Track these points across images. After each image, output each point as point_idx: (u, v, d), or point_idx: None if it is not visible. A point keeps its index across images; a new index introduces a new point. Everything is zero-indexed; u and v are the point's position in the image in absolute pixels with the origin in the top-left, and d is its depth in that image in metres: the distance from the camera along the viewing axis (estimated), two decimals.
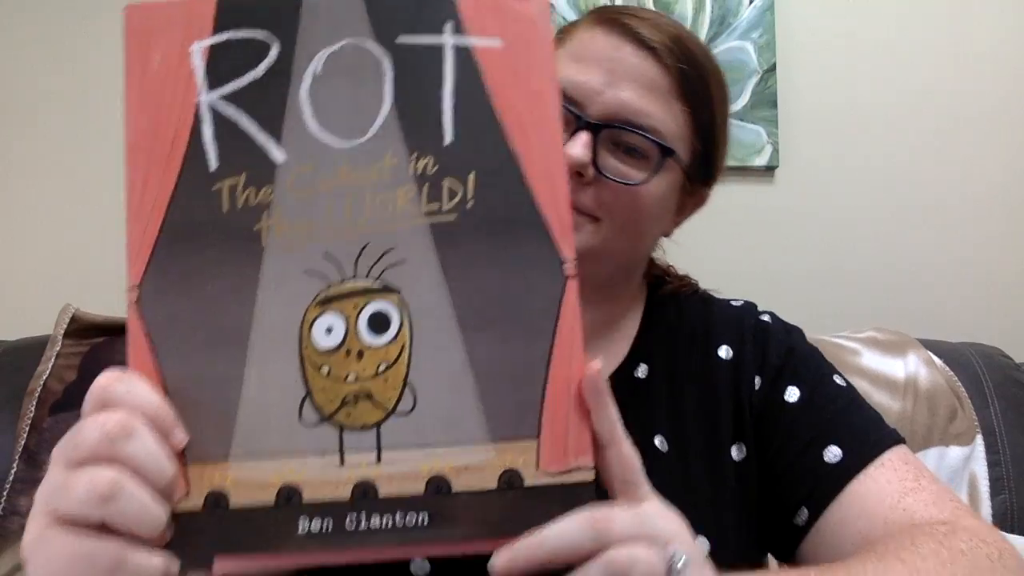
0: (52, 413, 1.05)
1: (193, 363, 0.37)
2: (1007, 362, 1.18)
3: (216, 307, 0.37)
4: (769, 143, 1.38)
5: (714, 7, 1.40)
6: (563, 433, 0.37)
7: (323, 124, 0.38)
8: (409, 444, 0.37)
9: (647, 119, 0.61)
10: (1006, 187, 1.42)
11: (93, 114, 1.39)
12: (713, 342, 0.68)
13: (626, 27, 0.62)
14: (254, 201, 0.38)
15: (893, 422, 1.06)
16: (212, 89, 0.38)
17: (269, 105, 0.38)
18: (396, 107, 0.38)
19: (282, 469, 0.36)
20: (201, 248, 0.37)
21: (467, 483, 0.36)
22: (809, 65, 1.42)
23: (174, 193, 0.38)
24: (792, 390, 0.64)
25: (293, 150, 0.38)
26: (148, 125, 0.39)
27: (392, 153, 0.37)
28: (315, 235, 0.37)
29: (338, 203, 0.37)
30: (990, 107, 1.42)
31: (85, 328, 1.13)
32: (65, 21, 1.40)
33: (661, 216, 0.67)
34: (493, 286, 0.37)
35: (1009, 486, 1.05)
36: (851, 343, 1.16)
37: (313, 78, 0.38)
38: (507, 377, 0.37)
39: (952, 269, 1.40)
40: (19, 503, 1.00)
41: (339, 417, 0.37)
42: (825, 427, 0.61)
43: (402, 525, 0.36)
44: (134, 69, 0.39)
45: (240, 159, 0.38)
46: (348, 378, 0.37)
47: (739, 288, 1.37)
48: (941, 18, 1.44)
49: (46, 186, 1.38)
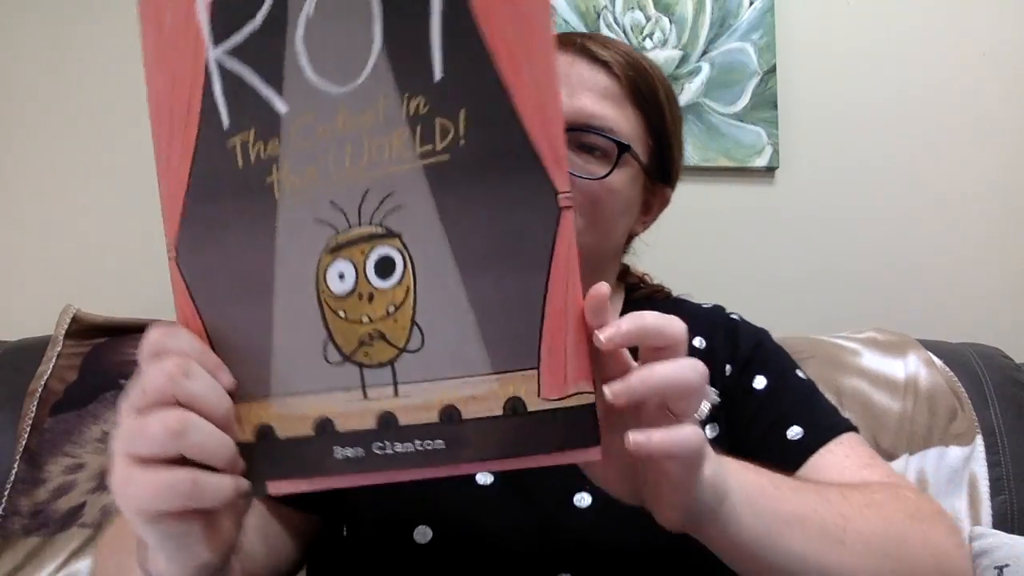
0: (53, 413, 1.05)
1: (229, 313, 0.40)
2: (1007, 363, 1.18)
3: (242, 260, 0.40)
4: (769, 144, 1.38)
5: (714, 8, 1.41)
6: (561, 362, 0.39)
7: (319, 71, 0.38)
8: (421, 378, 0.40)
9: (604, 121, 0.69)
10: (1006, 187, 1.42)
11: (94, 114, 1.39)
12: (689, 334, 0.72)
13: (579, 46, 0.71)
14: (264, 155, 0.39)
15: (893, 422, 1.07)
16: (218, 44, 0.39)
17: (269, 56, 0.38)
18: (386, 46, 0.38)
19: (316, 404, 0.40)
20: (223, 204, 0.40)
21: (475, 411, 0.39)
22: (809, 66, 1.42)
23: (195, 152, 0.39)
24: (759, 379, 0.71)
25: (294, 100, 0.38)
26: (165, 86, 0.40)
27: (385, 95, 0.38)
28: (321, 184, 0.39)
29: (339, 150, 0.38)
30: (990, 107, 1.43)
31: (86, 328, 1.13)
32: (65, 21, 1.40)
33: (626, 210, 0.74)
34: (488, 224, 0.38)
35: (1009, 486, 1.05)
36: (851, 343, 1.16)
37: (306, 22, 0.38)
38: (506, 311, 0.39)
39: (952, 269, 1.41)
40: (20, 503, 1.00)
41: (358, 356, 0.40)
42: (787, 411, 0.69)
43: (422, 449, 0.39)
44: (149, 32, 0.40)
45: (248, 114, 0.39)
46: (363, 320, 0.40)
47: (739, 288, 1.38)
48: (941, 19, 1.44)
49: (47, 186, 1.38)
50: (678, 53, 1.40)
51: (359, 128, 0.38)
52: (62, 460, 1.03)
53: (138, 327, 1.15)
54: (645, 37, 1.40)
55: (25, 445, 1.03)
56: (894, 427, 1.07)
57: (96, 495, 1.02)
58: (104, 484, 1.02)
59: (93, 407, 1.06)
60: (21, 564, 0.98)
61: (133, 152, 1.39)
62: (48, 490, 1.02)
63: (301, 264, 0.39)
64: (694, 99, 1.39)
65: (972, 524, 1.03)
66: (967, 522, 1.03)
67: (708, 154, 1.38)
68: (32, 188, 1.38)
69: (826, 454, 0.65)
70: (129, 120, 1.39)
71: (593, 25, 1.40)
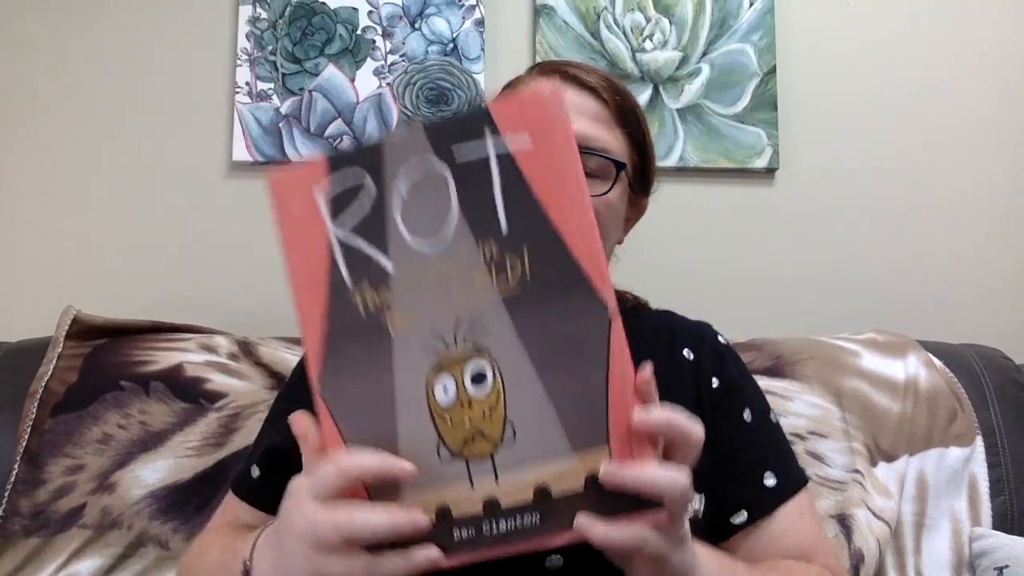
0: (53, 414, 1.06)
1: (363, 429, 0.50)
2: (1007, 363, 1.18)
3: (370, 386, 0.50)
4: (769, 145, 1.38)
5: (714, 9, 1.41)
6: (627, 436, 0.48)
7: (413, 234, 0.49)
8: (516, 465, 0.48)
9: (599, 142, 0.75)
10: (1006, 187, 1.42)
11: (94, 114, 1.39)
12: (678, 343, 0.82)
13: (566, 74, 0.78)
14: (379, 303, 0.50)
15: (893, 423, 1.07)
16: (337, 225, 0.50)
17: (376, 229, 0.50)
18: (462, 211, 0.49)
19: (435, 495, 0.49)
20: (352, 345, 0.50)
21: (562, 487, 0.48)
22: (809, 67, 1.42)
23: (328, 307, 0.50)
24: (747, 412, 0.79)
25: (397, 259, 0.49)
26: (299, 256, 0.51)
27: (465, 246, 0.49)
28: (423, 319, 0.49)
29: (434, 292, 0.49)
30: (990, 108, 1.43)
31: (87, 330, 1.13)
32: (66, 22, 1.41)
33: (617, 224, 0.81)
34: (557, 336, 0.48)
35: (1009, 487, 1.05)
36: (851, 344, 1.16)
37: (402, 202, 0.50)
38: (577, 402, 0.48)
39: (952, 270, 1.41)
40: (20, 504, 1.01)
41: (464, 453, 0.49)
42: (766, 454, 0.78)
43: (521, 526, 0.48)
44: (281, 215, 0.51)
45: (364, 274, 0.50)
46: (465, 423, 0.49)
47: (739, 289, 1.38)
48: (941, 19, 1.44)
49: (47, 186, 1.38)
50: (678, 54, 1.40)
51: (448, 272, 0.49)
52: (62, 461, 1.03)
53: (138, 328, 1.15)
54: (645, 38, 1.40)
55: (25, 446, 1.03)
56: (894, 428, 1.07)
57: (96, 496, 1.02)
58: (104, 485, 1.03)
59: (93, 408, 1.06)
60: (21, 565, 0.98)
61: (134, 153, 1.39)
62: (48, 491, 1.02)
63: (414, 384, 0.49)
64: (694, 100, 1.39)
65: (972, 525, 1.03)
66: (967, 523, 1.03)
67: (708, 155, 1.38)
68: (32, 188, 1.38)
69: (790, 507, 0.76)
70: (130, 121, 1.39)
71: (593, 26, 1.40)
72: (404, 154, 0.49)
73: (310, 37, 1.39)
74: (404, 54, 1.39)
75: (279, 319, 1.27)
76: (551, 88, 0.49)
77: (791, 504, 0.76)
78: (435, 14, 1.40)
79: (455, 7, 1.40)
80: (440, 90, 1.39)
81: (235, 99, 1.37)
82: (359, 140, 1.37)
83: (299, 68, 1.39)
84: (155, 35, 1.41)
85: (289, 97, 1.38)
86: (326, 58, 1.39)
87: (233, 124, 1.37)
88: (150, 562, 1.00)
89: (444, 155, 0.49)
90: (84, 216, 1.37)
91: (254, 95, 1.38)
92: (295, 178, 0.51)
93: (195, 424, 1.07)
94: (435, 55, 1.39)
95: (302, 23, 1.39)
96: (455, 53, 1.39)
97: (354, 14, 1.40)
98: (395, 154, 0.50)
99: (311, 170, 0.51)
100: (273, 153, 1.36)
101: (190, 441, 1.05)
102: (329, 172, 0.50)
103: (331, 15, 1.40)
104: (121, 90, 1.39)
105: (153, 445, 1.05)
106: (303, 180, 0.51)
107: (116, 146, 1.39)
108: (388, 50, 1.40)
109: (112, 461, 1.04)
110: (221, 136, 1.38)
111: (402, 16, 1.40)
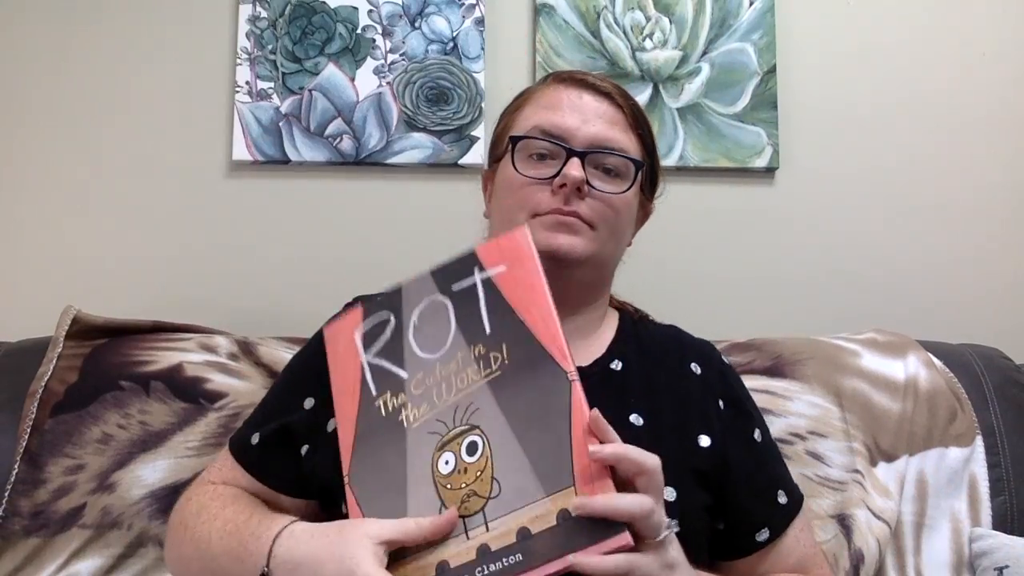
0: (53, 414, 1.05)
1: (380, 507, 0.63)
2: (1007, 363, 1.18)
3: (386, 470, 0.64)
4: (769, 144, 1.38)
5: (714, 9, 1.40)
6: (588, 474, 0.57)
7: (422, 349, 0.67)
8: (503, 514, 0.59)
9: (618, 143, 0.81)
10: (1006, 187, 1.42)
11: (94, 114, 1.39)
12: (687, 358, 0.86)
13: (582, 82, 0.84)
14: (396, 404, 0.65)
15: (893, 423, 1.07)
16: (367, 352, 0.69)
17: (396, 351, 0.67)
18: (458, 326, 0.66)
19: (437, 553, 0.60)
20: (376, 440, 0.65)
21: (540, 526, 0.57)
22: (809, 67, 1.42)
23: (358, 412, 0.67)
24: (757, 432, 0.84)
25: (410, 369, 0.66)
26: (341, 377, 0.69)
27: (461, 352, 0.65)
28: (431, 411, 0.64)
29: (438, 389, 0.64)
30: (990, 108, 1.43)
31: (87, 330, 1.13)
32: (66, 21, 1.40)
33: (631, 223, 0.86)
34: (529, 402, 0.61)
35: (1009, 487, 1.05)
36: (851, 344, 1.16)
37: (414, 328, 0.68)
38: (546, 452, 0.59)
39: (952, 270, 1.41)
40: (20, 504, 1.01)
41: (461, 511, 0.60)
42: (775, 473, 0.84)
43: (508, 564, 0.57)
44: (332, 354, 0.71)
45: (385, 383, 0.67)
46: (461, 486, 0.61)
47: (739, 289, 1.38)
48: (941, 19, 1.44)
49: (47, 186, 1.38)
50: (678, 53, 1.40)
51: (448, 373, 0.65)
52: (62, 461, 1.03)
53: (138, 328, 1.15)
54: (645, 37, 1.40)
55: (25, 446, 1.03)
56: (894, 428, 1.07)
57: (96, 496, 1.02)
58: (104, 485, 1.03)
59: (93, 408, 1.06)
60: (21, 565, 0.98)
61: (133, 152, 1.39)
62: (48, 491, 1.02)
63: (423, 463, 0.63)
64: (694, 99, 1.39)
65: (972, 525, 1.03)
66: (967, 523, 1.03)
67: (708, 155, 1.38)
68: (32, 188, 1.38)
69: (796, 524, 0.81)
70: (130, 120, 1.39)
71: (593, 25, 1.40)
72: (417, 296, 0.68)
73: (310, 36, 1.39)
74: (404, 53, 1.39)
75: (279, 319, 1.28)
76: (521, 231, 0.67)
77: (797, 521, 0.81)
78: (435, 13, 1.40)
79: (455, 6, 1.40)
80: (440, 89, 1.39)
81: (235, 98, 1.37)
82: (359, 140, 1.37)
83: (299, 67, 1.38)
84: (155, 34, 1.40)
85: (289, 96, 1.38)
86: (326, 57, 1.39)
87: (233, 123, 1.37)
88: (150, 562, 1.00)
89: (445, 291, 0.67)
90: (84, 216, 1.37)
91: (254, 94, 1.38)
92: (342, 326, 0.71)
93: (195, 424, 1.07)
94: (435, 54, 1.39)
95: (302, 22, 1.39)
96: (455, 52, 1.39)
97: (354, 13, 1.40)
98: (410, 296, 0.68)
99: (353, 317, 0.71)
100: (273, 152, 1.36)
101: (190, 441, 1.05)
102: (364, 317, 0.70)
103: (331, 14, 1.40)
104: (121, 89, 1.39)
105: (153, 445, 1.05)
106: (347, 326, 0.70)
107: (116, 146, 1.39)
108: (388, 49, 1.39)
109: (112, 461, 1.04)
110: (221, 135, 1.38)
111: (402, 15, 1.40)
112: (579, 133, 0.79)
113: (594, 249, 0.79)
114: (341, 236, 1.37)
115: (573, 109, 0.81)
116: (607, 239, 0.80)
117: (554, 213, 0.77)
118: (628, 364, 0.82)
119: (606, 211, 0.79)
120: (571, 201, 0.78)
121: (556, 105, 0.81)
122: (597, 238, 0.79)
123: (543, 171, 0.79)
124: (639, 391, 0.79)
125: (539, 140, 0.80)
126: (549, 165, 0.79)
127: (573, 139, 0.79)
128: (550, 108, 0.81)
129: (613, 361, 0.82)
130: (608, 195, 0.79)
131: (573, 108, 0.81)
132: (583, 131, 0.79)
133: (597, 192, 0.79)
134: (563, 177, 0.77)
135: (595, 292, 0.85)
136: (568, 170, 0.77)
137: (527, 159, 0.81)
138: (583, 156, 0.78)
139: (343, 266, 1.36)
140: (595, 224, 0.79)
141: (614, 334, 0.86)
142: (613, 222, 0.80)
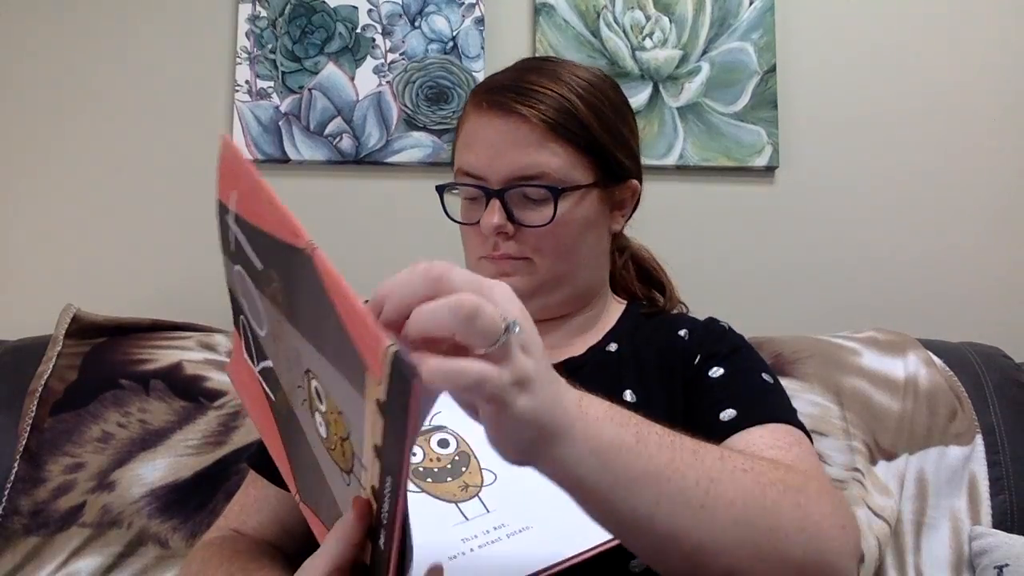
0: (53, 413, 1.06)
1: (325, 508, 0.54)
2: (1007, 362, 1.18)
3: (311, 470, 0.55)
4: (769, 143, 1.38)
5: (714, 8, 1.40)
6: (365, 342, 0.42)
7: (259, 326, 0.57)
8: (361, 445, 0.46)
9: (534, 169, 0.75)
10: (1006, 187, 1.42)
11: (94, 113, 1.39)
12: (676, 327, 0.83)
13: (493, 101, 0.77)
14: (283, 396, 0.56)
15: (893, 422, 1.07)
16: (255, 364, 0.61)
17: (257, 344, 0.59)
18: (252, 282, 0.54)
19: None
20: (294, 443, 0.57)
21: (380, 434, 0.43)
22: (809, 66, 1.42)
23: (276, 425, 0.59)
24: (716, 369, 0.76)
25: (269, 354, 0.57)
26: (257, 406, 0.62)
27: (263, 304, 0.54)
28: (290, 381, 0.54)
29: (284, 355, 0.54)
30: (990, 107, 1.43)
31: (86, 328, 1.13)
32: (66, 21, 1.40)
33: (588, 226, 0.80)
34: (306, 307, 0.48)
35: (1009, 486, 1.05)
36: (851, 343, 1.16)
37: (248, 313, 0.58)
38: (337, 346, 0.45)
39: (952, 268, 1.40)
40: (20, 503, 1.01)
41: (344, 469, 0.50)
42: (729, 396, 0.72)
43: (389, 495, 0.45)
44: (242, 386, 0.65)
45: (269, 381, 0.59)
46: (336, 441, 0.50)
47: (739, 288, 1.38)
48: (941, 19, 1.44)
49: (47, 186, 1.38)
50: (678, 53, 1.40)
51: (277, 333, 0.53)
52: (62, 460, 1.03)
53: (138, 326, 1.15)
54: (645, 37, 1.40)
55: (25, 445, 1.03)
56: (894, 427, 1.07)
57: (96, 495, 1.02)
58: (104, 484, 1.03)
59: (93, 407, 1.06)
60: (21, 563, 0.98)
61: (133, 151, 1.39)
62: (48, 490, 1.02)
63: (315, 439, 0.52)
64: (694, 99, 1.39)
65: (972, 524, 1.03)
66: (967, 521, 1.03)
67: (708, 154, 1.38)
68: (32, 188, 1.38)
69: (745, 435, 0.66)
70: (129, 119, 1.39)
71: (593, 24, 1.40)
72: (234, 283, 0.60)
73: (310, 35, 1.39)
74: (404, 52, 1.39)
75: None
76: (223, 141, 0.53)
77: (750, 432, 0.67)
78: (435, 12, 1.40)
79: (455, 5, 1.40)
80: (440, 88, 1.39)
81: (235, 97, 1.37)
82: (359, 139, 1.37)
83: (299, 66, 1.39)
84: (155, 34, 1.40)
85: (289, 95, 1.38)
86: (326, 56, 1.39)
87: (233, 122, 1.37)
88: (150, 561, 1.00)
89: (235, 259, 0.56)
90: (84, 215, 1.37)
91: (254, 93, 1.38)
92: (235, 356, 0.66)
93: (195, 422, 1.07)
94: (435, 53, 1.39)
95: (302, 21, 1.39)
96: (455, 51, 1.39)
97: (354, 12, 1.40)
98: (234, 287, 0.60)
99: (237, 342, 0.65)
100: (273, 151, 1.36)
101: (190, 439, 1.05)
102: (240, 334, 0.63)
103: (331, 13, 1.40)
104: (121, 89, 1.39)
105: (153, 443, 1.05)
106: (237, 354, 0.65)
107: (116, 145, 1.39)
108: (388, 48, 1.39)
109: (112, 459, 1.04)
110: (221, 134, 1.38)
111: (402, 14, 1.40)
112: (492, 171, 0.76)
113: (538, 280, 0.78)
114: (341, 235, 1.37)
115: (485, 144, 0.77)
116: (553, 262, 0.78)
117: (487, 259, 0.78)
118: (621, 345, 0.82)
119: (540, 240, 0.77)
120: (498, 246, 0.77)
121: (471, 142, 0.78)
122: (538, 268, 0.78)
123: (473, 215, 0.79)
124: (633, 369, 0.79)
125: (461, 185, 0.79)
126: (478, 206, 0.78)
127: (489, 178, 0.76)
128: (467, 146, 0.79)
129: (609, 344, 0.82)
130: (535, 227, 0.76)
131: (485, 143, 0.77)
132: (495, 166, 0.76)
133: (524, 227, 0.76)
134: (483, 227, 0.76)
135: (581, 299, 0.84)
136: (485, 218, 0.76)
137: (463, 201, 0.82)
138: (501, 195, 0.76)
139: (343, 265, 1.33)
140: (530, 257, 0.77)
141: (614, 323, 0.86)
142: (553, 246, 0.77)
